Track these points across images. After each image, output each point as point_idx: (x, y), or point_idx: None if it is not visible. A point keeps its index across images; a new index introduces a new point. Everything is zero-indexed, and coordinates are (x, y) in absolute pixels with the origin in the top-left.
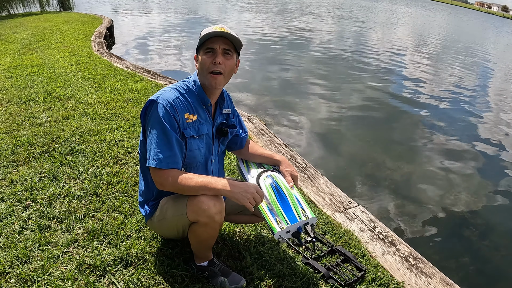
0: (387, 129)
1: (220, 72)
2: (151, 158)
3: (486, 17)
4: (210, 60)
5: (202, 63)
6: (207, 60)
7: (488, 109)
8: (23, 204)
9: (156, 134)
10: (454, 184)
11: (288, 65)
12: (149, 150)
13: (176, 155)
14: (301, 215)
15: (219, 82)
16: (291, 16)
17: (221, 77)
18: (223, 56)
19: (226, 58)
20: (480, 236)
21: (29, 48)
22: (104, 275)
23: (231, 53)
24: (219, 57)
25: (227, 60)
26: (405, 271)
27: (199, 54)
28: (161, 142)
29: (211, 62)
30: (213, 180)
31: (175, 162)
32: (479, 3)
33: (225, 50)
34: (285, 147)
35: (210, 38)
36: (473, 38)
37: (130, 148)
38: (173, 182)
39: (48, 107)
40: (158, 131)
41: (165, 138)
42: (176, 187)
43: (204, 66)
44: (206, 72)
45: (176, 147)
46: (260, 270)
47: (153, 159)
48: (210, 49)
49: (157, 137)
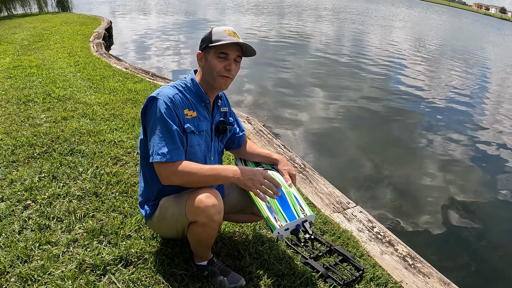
0: (385, 130)
1: (230, 77)
2: (155, 153)
3: (484, 18)
4: (223, 66)
5: (212, 65)
6: (219, 64)
7: (487, 110)
8: (23, 204)
9: (159, 129)
10: (451, 185)
11: (287, 66)
12: (152, 146)
13: (180, 148)
14: (299, 213)
15: (228, 84)
16: (290, 18)
17: (230, 81)
18: (234, 63)
19: (236, 65)
20: (477, 236)
21: (28, 48)
22: (104, 275)
23: (240, 60)
24: (232, 65)
25: (237, 67)
26: (403, 270)
27: (209, 54)
28: (164, 136)
29: (223, 67)
30: (222, 169)
31: (180, 155)
32: (477, 5)
33: (237, 57)
34: (283, 148)
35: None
36: (473, 40)
37: (130, 149)
38: (181, 174)
39: (47, 108)
40: (160, 126)
41: (168, 132)
42: (184, 179)
43: (215, 68)
44: (216, 75)
45: (179, 140)
46: (259, 270)
47: (157, 153)
48: (224, 55)
49: (160, 132)
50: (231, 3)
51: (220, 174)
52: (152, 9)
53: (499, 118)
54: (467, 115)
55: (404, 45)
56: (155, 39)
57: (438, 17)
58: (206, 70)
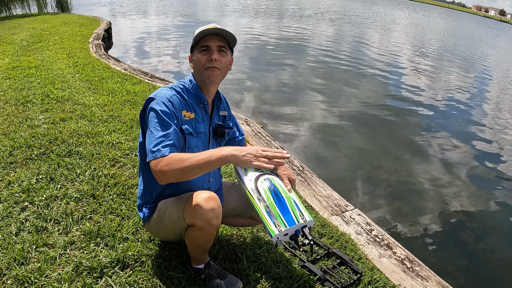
0: (384, 133)
1: (216, 67)
2: (149, 151)
3: (484, 20)
4: (206, 58)
5: (197, 62)
6: (202, 58)
7: (486, 112)
8: (20, 205)
9: (154, 128)
10: (450, 188)
11: (285, 68)
12: (147, 144)
13: (175, 146)
14: (299, 218)
15: (216, 75)
16: (289, 19)
17: (218, 71)
18: (218, 53)
19: (221, 55)
20: (476, 239)
21: (27, 49)
22: (101, 277)
23: (226, 49)
24: (214, 54)
25: (223, 57)
26: (401, 274)
27: (194, 54)
28: (159, 134)
29: (206, 59)
30: (215, 150)
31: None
32: (477, 7)
33: (220, 47)
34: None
35: (204, 37)
36: (472, 41)
37: (128, 151)
38: (173, 164)
39: (46, 109)
40: (156, 125)
41: (163, 130)
42: (177, 168)
43: (199, 64)
44: (202, 69)
45: (175, 138)
46: (256, 273)
47: (150, 151)
48: (205, 47)
49: (155, 130)
50: (231, 4)
51: (213, 155)
52: (151, 10)
53: (498, 120)
54: (467, 117)
55: (404, 46)
56: (154, 41)
57: (439, 20)
58: (195, 69)
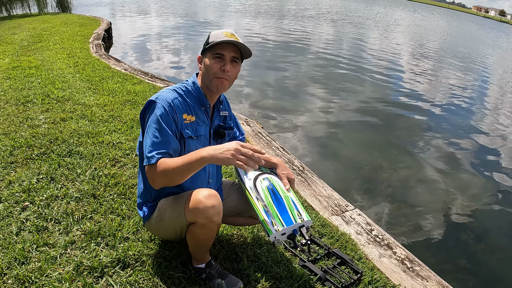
0: (384, 133)
1: (226, 78)
2: (145, 156)
3: (484, 21)
4: (218, 66)
5: (209, 67)
6: (215, 65)
7: (486, 113)
8: (21, 205)
9: (152, 133)
10: (450, 188)
11: (286, 68)
12: (144, 148)
13: (169, 153)
14: (296, 218)
15: (224, 86)
16: (289, 20)
17: (227, 82)
18: (231, 64)
19: (233, 66)
20: (476, 239)
21: (27, 49)
22: (102, 277)
23: (238, 61)
24: (227, 65)
25: (234, 68)
26: (401, 274)
27: (206, 57)
28: (155, 140)
29: (218, 68)
30: (194, 152)
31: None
32: (477, 8)
33: (234, 58)
34: (282, 150)
35: (220, 44)
36: (472, 42)
37: (128, 150)
38: (161, 172)
39: (46, 109)
40: (154, 130)
41: (160, 137)
42: (165, 177)
43: (211, 70)
44: (212, 77)
45: (172, 146)
46: (257, 273)
47: (146, 157)
48: (219, 55)
49: (153, 136)
50: (232, 5)
51: (192, 158)
52: (152, 10)
53: (499, 121)
54: (467, 118)
55: (404, 47)
56: (155, 41)
57: (440, 20)
58: (204, 72)
